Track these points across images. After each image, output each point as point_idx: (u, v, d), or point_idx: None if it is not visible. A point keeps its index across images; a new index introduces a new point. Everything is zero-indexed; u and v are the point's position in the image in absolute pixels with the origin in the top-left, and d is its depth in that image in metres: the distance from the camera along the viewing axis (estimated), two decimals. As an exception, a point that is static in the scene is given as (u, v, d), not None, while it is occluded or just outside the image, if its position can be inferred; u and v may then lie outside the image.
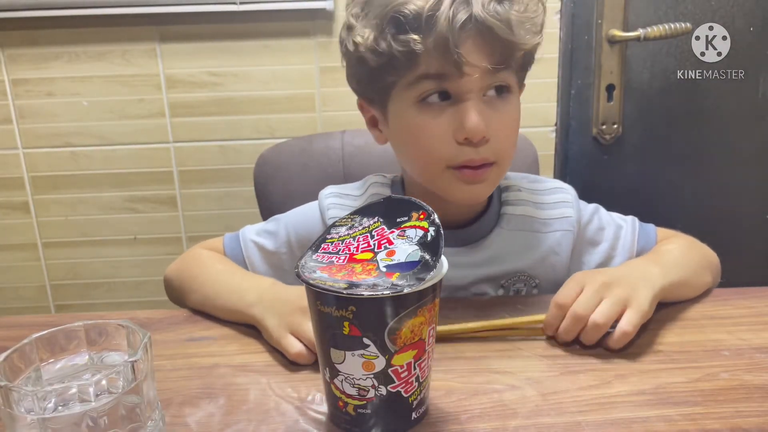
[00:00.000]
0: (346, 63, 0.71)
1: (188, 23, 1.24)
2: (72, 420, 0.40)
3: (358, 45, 0.65)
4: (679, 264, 0.69)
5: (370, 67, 0.66)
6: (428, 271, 0.43)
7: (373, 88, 0.69)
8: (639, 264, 0.68)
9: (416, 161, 0.69)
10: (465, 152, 0.64)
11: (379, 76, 0.66)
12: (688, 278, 0.69)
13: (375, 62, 0.65)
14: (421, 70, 0.63)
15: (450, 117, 0.64)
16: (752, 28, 1.26)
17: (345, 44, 0.69)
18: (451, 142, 0.64)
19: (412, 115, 0.66)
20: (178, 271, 0.77)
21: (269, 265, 0.78)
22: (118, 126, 1.29)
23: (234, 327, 0.67)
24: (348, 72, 0.72)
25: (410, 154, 0.70)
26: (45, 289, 1.39)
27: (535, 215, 0.76)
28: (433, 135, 0.65)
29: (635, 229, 0.78)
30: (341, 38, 0.70)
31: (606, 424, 0.48)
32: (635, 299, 0.59)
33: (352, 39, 0.66)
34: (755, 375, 0.55)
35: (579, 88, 1.30)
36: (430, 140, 0.65)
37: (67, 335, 0.46)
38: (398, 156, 0.73)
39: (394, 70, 0.65)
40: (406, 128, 0.67)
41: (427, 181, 0.69)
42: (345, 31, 0.69)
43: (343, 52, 0.70)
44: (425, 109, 0.65)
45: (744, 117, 1.32)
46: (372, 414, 0.47)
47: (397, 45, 0.62)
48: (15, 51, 1.24)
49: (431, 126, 0.65)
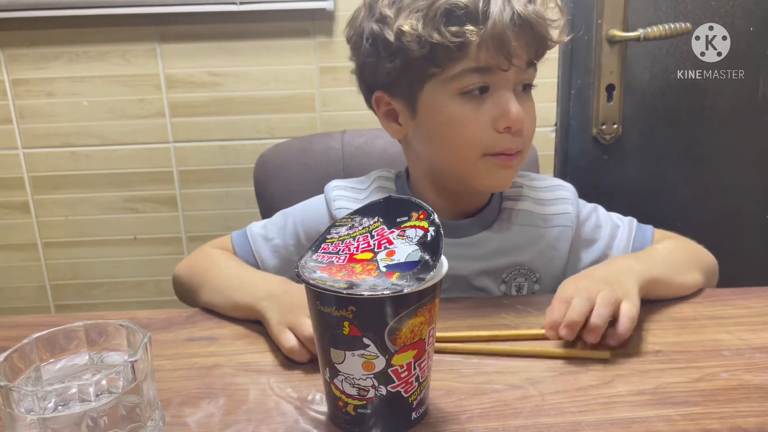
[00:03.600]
0: (368, 55, 0.71)
1: (188, 23, 1.24)
2: (72, 420, 0.40)
3: (404, 34, 0.65)
4: (663, 261, 0.70)
5: (410, 58, 0.66)
6: (428, 271, 0.43)
7: (405, 80, 0.69)
8: (621, 260, 0.70)
9: (452, 150, 0.71)
10: (504, 140, 0.68)
11: (418, 67, 0.67)
12: (671, 275, 0.69)
13: (419, 53, 0.65)
14: (469, 63, 0.66)
15: (490, 107, 0.67)
16: (752, 28, 1.26)
17: (375, 36, 0.68)
18: (490, 131, 0.68)
19: (453, 107, 0.68)
20: (187, 268, 0.78)
21: (278, 259, 0.79)
22: (118, 126, 1.29)
23: (234, 327, 0.67)
24: (369, 65, 0.71)
25: (446, 144, 0.71)
26: (45, 289, 1.39)
27: (535, 210, 0.77)
28: (476, 125, 0.68)
29: (632, 229, 0.79)
30: (371, 31, 0.69)
31: (606, 424, 0.48)
32: (625, 292, 0.61)
33: (397, 28, 0.66)
34: (755, 375, 0.55)
35: (579, 88, 1.30)
36: (472, 130, 0.68)
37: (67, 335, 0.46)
38: (425, 146, 0.74)
39: (439, 61, 0.66)
40: (444, 119, 0.69)
41: (460, 169, 0.71)
42: (375, 23, 0.69)
43: (368, 44, 0.70)
44: (466, 100, 0.68)
45: (744, 117, 1.32)
46: (372, 414, 0.47)
47: (451, 36, 0.64)
48: (15, 51, 1.24)
49: (473, 117, 0.68)
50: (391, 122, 0.75)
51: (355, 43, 0.73)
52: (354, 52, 0.75)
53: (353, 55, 0.75)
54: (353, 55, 0.75)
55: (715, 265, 0.77)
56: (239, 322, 0.68)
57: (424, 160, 0.75)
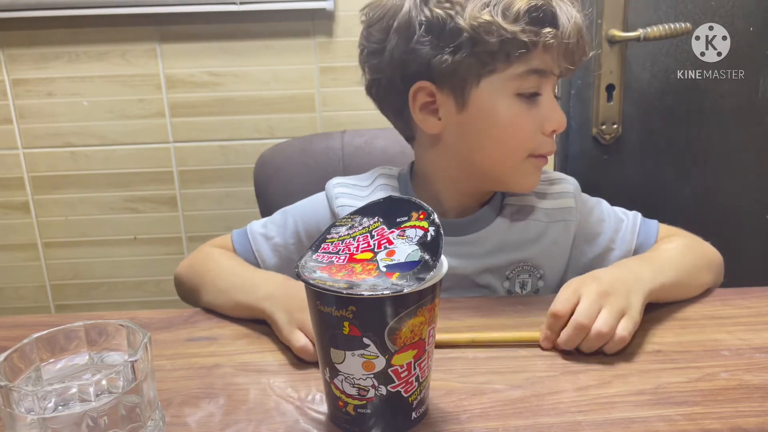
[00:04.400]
0: (420, 42, 0.68)
1: (188, 23, 1.24)
2: (72, 420, 0.40)
3: (482, 24, 0.64)
4: (673, 265, 0.69)
5: (478, 50, 0.66)
6: (428, 271, 0.43)
7: (462, 72, 0.67)
8: (631, 265, 0.68)
9: (502, 149, 0.71)
10: (548, 143, 0.71)
11: (483, 60, 0.67)
12: (682, 279, 0.69)
13: (491, 46, 0.65)
14: (531, 64, 0.67)
15: (537, 110, 0.69)
16: (752, 28, 1.26)
17: (437, 23, 0.66)
18: (537, 134, 0.70)
19: (509, 106, 0.68)
20: (189, 267, 0.78)
21: (279, 257, 0.79)
22: (118, 126, 1.29)
23: (234, 327, 0.67)
24: (420, 53, 0.68)
25: (496, 142, 0.70)
26: (45, 289, 1.39)
27: (537, 205, 0.77)
28: (529, 127, 0.69)
29: (636, 224, 0.78)
30: (431, 17, 0.66)
31: (606, 424, 0.48)
32: (629, 307, 0.60)
33: (473, 17, 0.65)
34: (755, 375, 0.55)
35: (579, 88, 1.30)
36: (526, 131, 0.69)
37: (67, 335, 0.46)
38: (468, 142, 0.71)
39: (507, 57, 0.66)
40: (497, 117, 0.69)
41: (504, 169, 0.72)
42: (440, 9, 0.66)
43: (422, 30, 0.67)
44: (521, 101, 0.69)
45: (744, 117, 1.32)
46: (372, 414, 0.47)
47: (530, 34, 0.65)
48: (15, 51, 1.24)
49: (526, 118, 0.69)
50: (428, 116, 0.72)
51: (401, 29, 0.69)
52: (397, 38, 0.69)
53: (391, 41, 0.70)
54: (393, 40, 0.70)
55: (721, 262, 0.76)
56: (239, 322, 0.68)
57: (460, 157, 0.73)
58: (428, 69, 0.68)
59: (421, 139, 0.77)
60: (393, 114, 0.77)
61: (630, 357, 0.58)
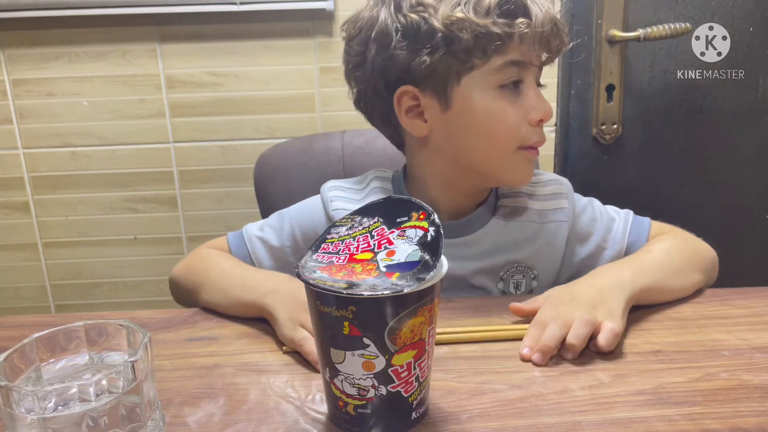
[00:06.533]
0: (398, 48, 0.68)
1: (188, 23, 1.24)
2: (72, 420, 0.40)
3: (455, 23, 0.65)
4: (658, 266, 0.69)
5: (454, 48, 0.66)
6: (428, 271, 0.43)
7: (441, 72, 0.68)
8: (609, 272, 0.67)
9: (490, 143, 0.71)
10: (536, 133, 0.71)
11: (460, 58, 0.67)
12: (666, 280, 0.68)
13: (467, 43, 0.66)
14: (510, 56, 0.67)
15: (523, 101, 0.70)
16: (752, 28, 1.26)
17: (412, 27, 0.67)
18: (524, 124, 0.70)
19: (492, 99, 0.69)
20: (186, 269, 0.78)
21: (275, 260, 0.79)
22: (118, 126, 1.29)
23: (234, 327, 0.67)
24: (399, 58, 0.69)
25: (484, 137, 0.71)
26: (45, 289, 1.39)
27: (531, 206, 0.77)
28: (514, 117, 0.69)
29: (628, 222, 0.79)
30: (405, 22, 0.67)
31: (606, 424, 0.48)
32: (608, 313, 0.60)
33: (446, 16, 0.65)
34: (755, 375, 0.55)
35: (579, 88, 1.30)
36: (512, 122, 0.70)
37: (68, 335, 0.46)
38: (456, 141, 0.72)
39: (484, 52, 0.67)
40: (483, 112, 0.69)
41: (495, 163, 0.72)
42: (413, 13, 0.67)
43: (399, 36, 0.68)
44: (504, 94, 0.69)
45: (744, 117, 1.32)
46: (372, 414, 0.47)
47: (503, 26, 0.66)
48: (15, 51, 1.24)
49: (511, 109, 0.69)
50: (414, 119, 0.72)
51: (379, 38, 0.70)
52: (376, 47, 0.70)
53: (371, 51, 0.71)
54: (373, 50, 0.71)
55: (715, 259, 0.76)
56: (239, 322, 0.68)
57: (450, 156, 0.73)
58: (409, 73, 0.70)
59: (411, 144, 0.77)
60: (381, 123, 0.78)
61: (630, 357, 0.58)
